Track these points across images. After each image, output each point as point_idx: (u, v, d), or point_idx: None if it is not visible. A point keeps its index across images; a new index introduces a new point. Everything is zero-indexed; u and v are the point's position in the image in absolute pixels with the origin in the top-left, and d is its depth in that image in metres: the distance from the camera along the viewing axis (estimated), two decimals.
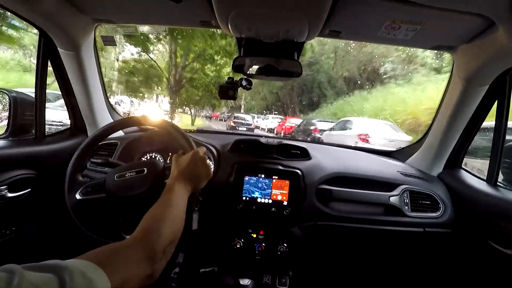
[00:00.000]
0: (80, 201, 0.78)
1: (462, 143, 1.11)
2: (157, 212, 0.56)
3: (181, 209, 0.61)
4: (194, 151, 0.75)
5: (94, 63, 1.15)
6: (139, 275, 0.44)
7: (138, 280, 0.43)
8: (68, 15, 0.93)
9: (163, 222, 0.54)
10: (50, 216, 1.10)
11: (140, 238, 0.48)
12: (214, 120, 18.91)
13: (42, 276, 0.30)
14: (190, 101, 13.15)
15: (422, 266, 1.18)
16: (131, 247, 0.45)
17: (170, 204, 0.59)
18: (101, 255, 0.40)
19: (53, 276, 0.31)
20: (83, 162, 0.84)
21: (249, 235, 1.04)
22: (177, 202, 0.61)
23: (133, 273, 0.42)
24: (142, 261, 0.45)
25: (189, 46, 10.28)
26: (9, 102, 1.02)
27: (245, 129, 10.54)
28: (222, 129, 10.11)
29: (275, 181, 1.03)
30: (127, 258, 0.43)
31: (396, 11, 0.76)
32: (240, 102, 20.34)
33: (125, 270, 0.41)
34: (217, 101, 13.05)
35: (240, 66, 0.98)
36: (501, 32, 0.74)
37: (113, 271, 0.37)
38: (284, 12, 0.75)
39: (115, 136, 1.17)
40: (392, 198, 1.04)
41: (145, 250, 0.46)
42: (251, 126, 11.58)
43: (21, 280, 0.27)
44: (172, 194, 0.62)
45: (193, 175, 0.70)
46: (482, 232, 0.93)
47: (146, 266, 0.45)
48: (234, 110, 19.26)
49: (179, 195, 0.63)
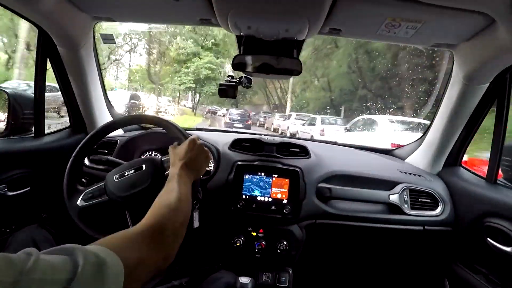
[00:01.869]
0: (83, 208, 0.78)
1: (462, 141, 1.11)
2: (163, 198, 0.57)
3: (186, 193, 0.62)
4: (190, 139, 0.75)
5: (93, 61, 1.15)
6: (153, 257, 0.44)
7: (153, 263, 0.44)
8: (67, 13, 0.93)
9: (171, 205, 0.55)
10: (49, 214, 1.10)
11: (150, 223, 0.49)
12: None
13: (57, 257, 0.32)
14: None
15: (421, 264, 1.18)
16: (142, 232, 0.46)
17: (175, 190, 0.60)
18: (113, 240, 0.41)
19: (67, 257, 0.32)
20: (80, 164, 0.84)
21: (249, 233, 1.04)
22: (181, 187, 0.61)
23: (146, 256, 0.43)
24: (154, 245, 0.45)
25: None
26: (8, 101, 1.01)
27: (241, 125, 10.44)
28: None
29: (275, 180, 1.03)
30: (138, 242, 0.44)
31: (396, 9, 0.76)
32: (286, 97, 16.87)
33: (138, 253, 0.42)
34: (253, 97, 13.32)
35: (240, 64, 0.97)
36: (501, 30, 0.74)
37: (125, 255, 0.38)
38: (284, 10, 0.75)
39: (114, 134, 1.17)
40: (391, 196, 1.05)
41: (156, 234, 0.47)
42: (247, 122, 11.46)
43: (37, 259, 0.29)
44: (175, 181, 0.63)
45: (193, 162, 0.71)
46: (481, 230, 0.93)
47: (159, 249, 0.46)
48: (278, 108, 17.03)
49: (183, 182, 0.64)
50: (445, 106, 1.08)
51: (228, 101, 17.19)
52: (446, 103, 1.08)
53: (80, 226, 0.76)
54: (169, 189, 0.61)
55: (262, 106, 18.58)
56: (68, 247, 0.34)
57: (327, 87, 13.60)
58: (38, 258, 0.29)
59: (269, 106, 18.34)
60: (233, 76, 1.06)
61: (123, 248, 0.40)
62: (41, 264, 0.29)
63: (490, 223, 0.90)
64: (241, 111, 13.15)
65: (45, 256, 0.30)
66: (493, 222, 0.89)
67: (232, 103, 17.09)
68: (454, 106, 1.03)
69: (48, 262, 0.30)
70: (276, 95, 18.36)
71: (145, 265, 0.42)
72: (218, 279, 0.85)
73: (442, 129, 1.10)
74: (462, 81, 0.98)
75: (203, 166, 0.74)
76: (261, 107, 18.78)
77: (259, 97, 19.82)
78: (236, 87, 1.05)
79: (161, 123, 0.87)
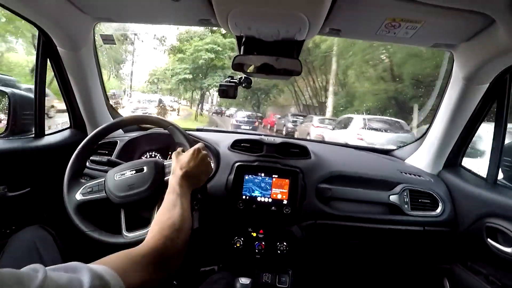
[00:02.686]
0: (81, 202, 0.78)
1: (462, 141, 1.11)
2: (166, 216, 0.57)
3: (187, 208, 0.62)
4: (194, 147, 0.75)
5: (93, 62, 1.15)
6: (156, 279, 0.45)
7: (153, 284, 0.45)
8: (67, 14, 0.93)
9: (175, 226, 0.54)
10: (49, 215, 1.10)
11: (154, 245, 0.49)
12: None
13: (63, 275, 0.32)
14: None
15: (421, 264, 1.18)
16: (146, 254, 0.46)
17: (178, 206, 0.59)
18: (118, 261, 0.42)
19: (75, 276, 0.33)
20: (82, 161, 0.85)
21: (249, 234, 1.04)
22: (183, 202, 0.61)
23: (149, 278, 0.44)
24: (156, 267, 0.46)
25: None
26: (9, 101, 1.02)
27: (248, 127, 9.89)
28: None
29: (275, 180, 1.03)
30: (141, 264, 0.44)
31: (396, 9, 0.76)
32: (325, 92, 12.32)
33: (141, 275, 0.43)
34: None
35: (240, 65, 0.97)
36: (501, 30, 0.74)
37: (128, 277, 0.39)
38: (284, 11, 0.75)
39: (115, 134, 1.17)
40: (392, 196, 1.05)
41: (160, 256, 0.47)
42: (255, 124, 10.69)
43: (45, 278, 0.29)
44: (176, 194, 0.62)
45: (195, 172, 0.70)
46: (481, 230, 0.93)
47: (160, 271, 0.47)
48: (316, 109, 13.02)
49: (183, 194, 0.64)
50: (445, 106, 1.08)
51: (248, 103, 15.39)
52: (446, 103, 1.08)
53: (74, 220, 0.76)
54: (171, 203, 0.60)
55: (289, 108, 15.45)
56: (74, 266, 0.35)
57: (388, 76, 8.95)
58: (45, 276, 0.30)
59: (298, 107, 14.83)
60: (233, 77, 1.07)
61: (127, 271, 0.40)
62: (48, 282, 0.29)
63: (490, 224, 0.90)
64: (249, 112, 12.25)
65: (52, 274, 0.31)
66: (493, 222, 0.89)
67: (254, 104, 15.17)
68: (454, 106, 1.03)
69: (55, 281, 0.30)
70: (310, 91, 13.85)
71: (147, 286, 0.43)
72: (218, 279, 0.85)
73: (442, 129, 1.10)
74: (462, 81, 0.98)
75: (203, 177, 0.74)
76: (288, 108, 15.43)
77: (286, 96, 16.34)
78: (236, 87, 1.05)
79: (166, 126, 0.87)
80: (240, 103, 16.11)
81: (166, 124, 0.87)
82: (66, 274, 0.32)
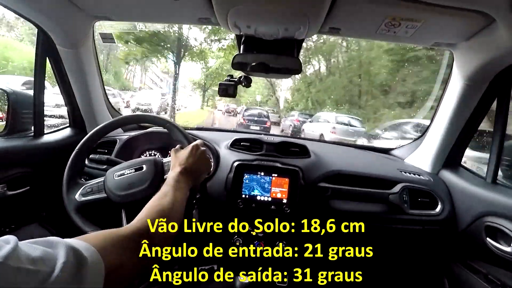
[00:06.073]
0: (81, 203, 0.78)
1: (462, 140, 1.11)
2: (156, 202, 0.57)
3: (180, 200, 0.61)
4: (193, 144, 0.74)
5: (93, 60, 1.15)
6: (134, 263, 0.44)
7: (133, 268, 0.44)
8: (67, 12, 0.93)
9: (163, 211, 0.54)
10: (49, 213, 1.10)
11: (138, 228, 0.48)
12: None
13: (37, 248, 0.31)
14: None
15: (421, 263, 1.18)
16: (129, 236, 0.45)
17: (169, 195, 0.59)
18: (100, 237, 0.41)
19: (50, 250, 0.31)
20: (81, 160, 0.84)
21: (248, 233, 1.04)
22: (176, 194, 0.60)
23: (128, 261, 0.42)
24: (138, 251, 0.45)
25: None
26: (8, 100, 1.01)
27: (258, 128, 8.44)
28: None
29: (274, 179, 1.03)
30: (123, 245, 0.43)
31: (396, 8, 0.76)
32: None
33: (121, 256, 0.41)
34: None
35: (240, 64, 0.97)
36: (501, 29, 0.74)
37: (108, 256, 0.38)
38: (284, 10, 0.75)
39: (114, 133, 1.17)
40: (391, 195, 1.04)
41: (140, 238, 0.46)
42: (267, 124, 9.11)
43: (15, 247, 0.28)
44: (170, 186, 0.62)
45: (193, 168, 0.70)
46: (481, 229, 0.93)
47: (142, 255, 0.46)
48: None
49: (178, 187, 0.63)
50: (445, 105, 1.08)
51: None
52: (446, 102, 1.08)
53: (76, 221, 0.76)
54: (163, 193, 0.60)
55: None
56: (51, 240, 0.33)
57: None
58: (16, 247, 0.28)
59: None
60: (232, 75, 1.07)
61: (107, 249, 0.39)
62: (17, 253, 0.28)
63: (489, 223, 0.90)
64: (259, 110, 10.75)
65: (25, 247, 0.30)
66: (493, 221, 0.89)
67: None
68: (454, 106, 1.03)
69: (27, 254, 0.29)
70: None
71: (126, 268, 0.42)
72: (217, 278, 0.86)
73: (442, 128, 1.10)
74: (462, 80, 0.98)
75: (202, 173, 0.74)
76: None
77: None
78: (236, 86, 1.05)
79: (164, 124, 0.86)
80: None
81: (164, 122, 0.86)
82: (41, 248, 0.31)
